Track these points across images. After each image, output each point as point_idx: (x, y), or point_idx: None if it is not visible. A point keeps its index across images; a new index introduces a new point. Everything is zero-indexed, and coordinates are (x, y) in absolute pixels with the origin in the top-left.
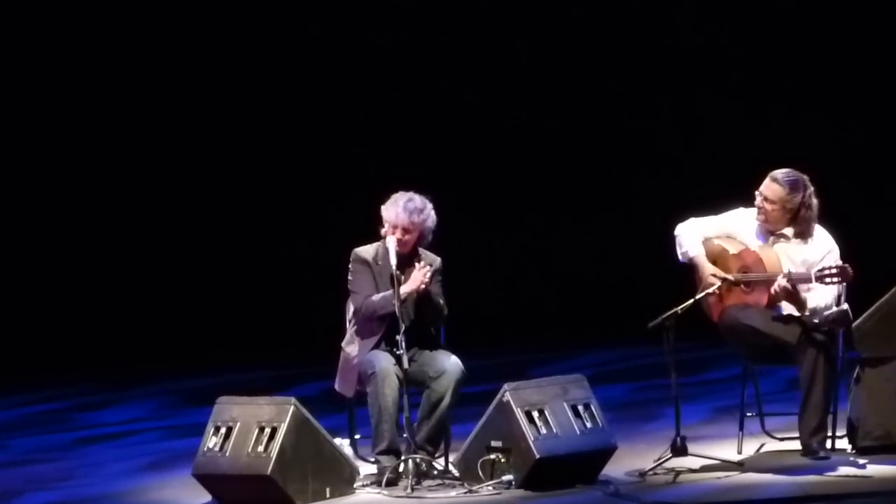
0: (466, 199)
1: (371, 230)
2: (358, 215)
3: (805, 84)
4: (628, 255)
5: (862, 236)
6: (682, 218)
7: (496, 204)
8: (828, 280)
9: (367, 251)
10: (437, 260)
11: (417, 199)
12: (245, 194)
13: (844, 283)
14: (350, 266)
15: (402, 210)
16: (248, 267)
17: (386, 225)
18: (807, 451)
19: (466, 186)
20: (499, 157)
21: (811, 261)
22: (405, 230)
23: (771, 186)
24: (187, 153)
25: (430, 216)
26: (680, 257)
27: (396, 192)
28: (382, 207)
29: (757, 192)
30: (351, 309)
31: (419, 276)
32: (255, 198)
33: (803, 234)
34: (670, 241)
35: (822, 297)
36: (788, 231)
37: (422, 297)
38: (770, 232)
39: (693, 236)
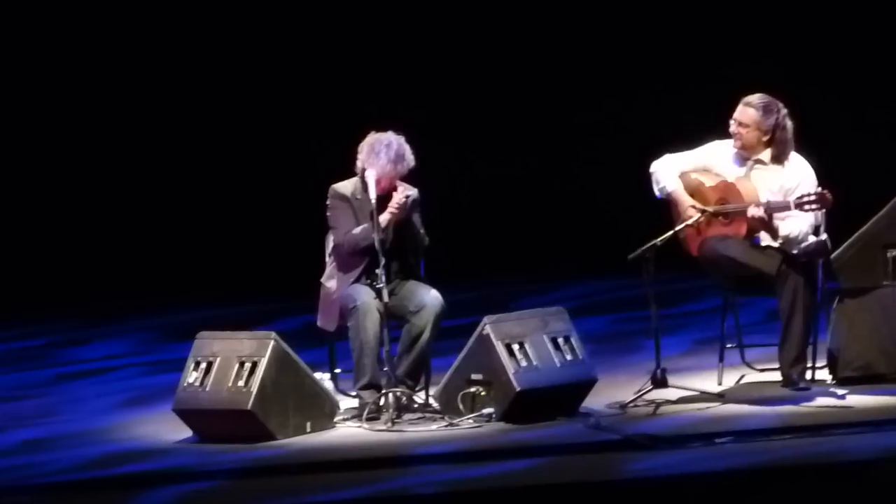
0: (448, 131)
1: (348, 165)
2: (336, 148)
3: (784, 10)
4: (609, 187)
5: (843, 164)
6: (660, 153)
7: (478, 136)
8: (807, 207)
9: (345, 187)
10: (415, 191)
11: (395, 144)
12: (222, 130)
13: (824, 211)
14: (328, 202)
15: (386, 162)
16: (228, 201)
17: (368, 175)
18: (787, 381)
19: (449, 119)
20: (482, 89)
21: (788, 186)
22: (391, 178)
23: (744, 111)
24: (166, 92)
25: (410, 158)
26: (657, 193)
27: (372, 128)
28: (360, 151)
29: (731, 120)
30: (330, 244)
31: (395, 202)
32: (233, 133)
33: (780, 157)
34: (648, 177)
35: (797, 224)
36: (765, 156)
37: (402, 225)
38: (746, 158)
39: (669, 171)
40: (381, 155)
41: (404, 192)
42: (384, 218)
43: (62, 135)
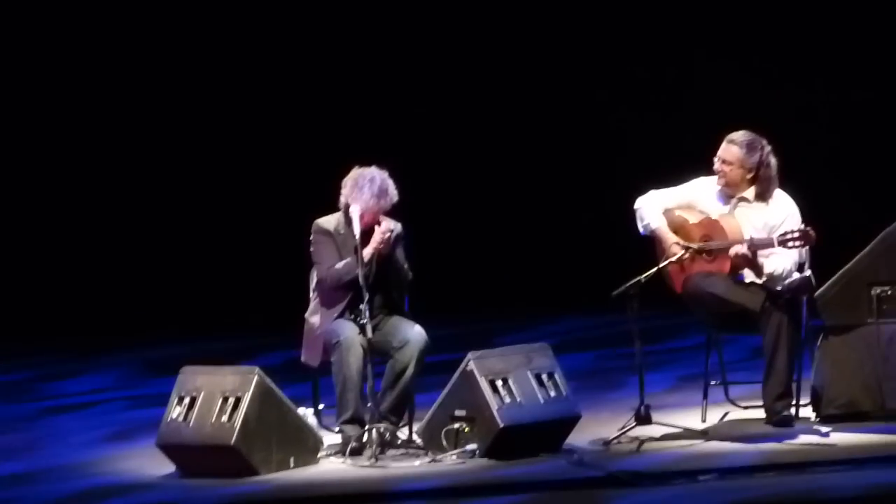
0: (431, 167)
1: (332, 200)
2: (320, 183)
3: (770, 48)
4: (593, 223)
5: (827, 202)
6: (645, 189)
7: (462, 173)
8: (790, 244)
9: (328, 221)
10: (398, 225)
11: (378, 179)
12: (207, 165)
13: (807, 248)
14: (312, 237)
15: (370, 197)
16: (212, 236)
17: (352, 210)
18: (770, 417)
19: (431, 155)
20: (463, 126)
21: (772, 223)
22: (374, 213)
23: (728, 149)
24: (152, 126)
25: (394, 193)
26: (641, 230)
27: (355, 164)
28: (344, 186)
29: (715, 157)
30: (314, 279)
31: (378, 236)
32: (217, 168)
33: (764, 194)
34: (632, 213)
35: (781, 262)
36: (749, 193)
37: (384, 260)
38: (731, 196)
39: (653, 208)
40: (365, 189)
41: (387, 227)
42: (367, 252)
43: (42, 171)
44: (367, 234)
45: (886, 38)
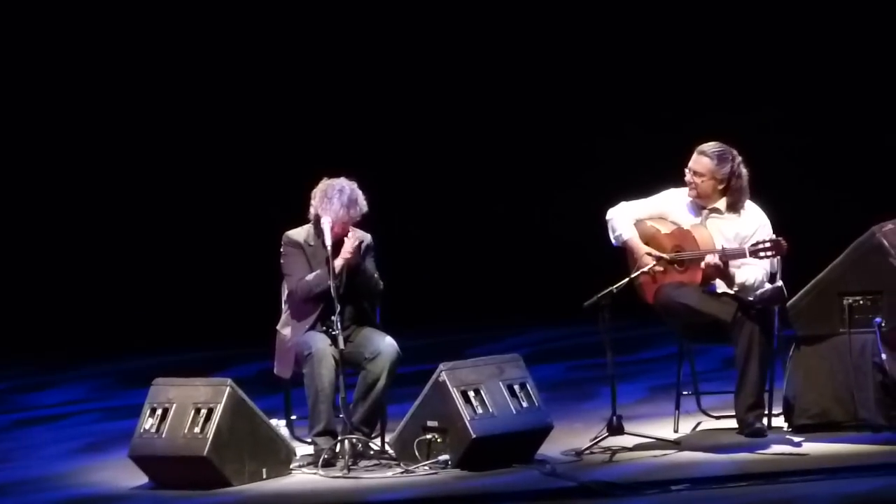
0: (401, 179)
1: (303, 212)
2: (291, 196)
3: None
4: (565, 233)
5: (798, 212)
6: (616, 200)
7: (432, 184)
8: (762, 254)
9: (298, 234)
10: (368, 236)
11: (347, 189)
12: (178, 177)
13: (779, 259)
14: (282, 249)
15: (339, 207)
16: (183, 247)
17: (323, 221)
18: (743, 427)
19: (400, 166)
20: (434, 137)
21: (743, 234)
22: (344, 224)
23: (699, 160)
24: (118, 143)
25: (363, 203)
26: (613, 241)
27: (326, 175)
28: (314, 198)
29: (686, 169)
30: (286, 291)
31: (348, 247)
32: (188, 180)
33: (735, 205)
34: (604, 225)
35: (752, 272)
36: (721, 204)
37: (354, 271)
38: (702, 207)
39: (625, 219)
40: (335, 200)
41: (356, 238)
42: (338, 263)
43: (14, 185)
44: (336, 245)
45: (863, 43)
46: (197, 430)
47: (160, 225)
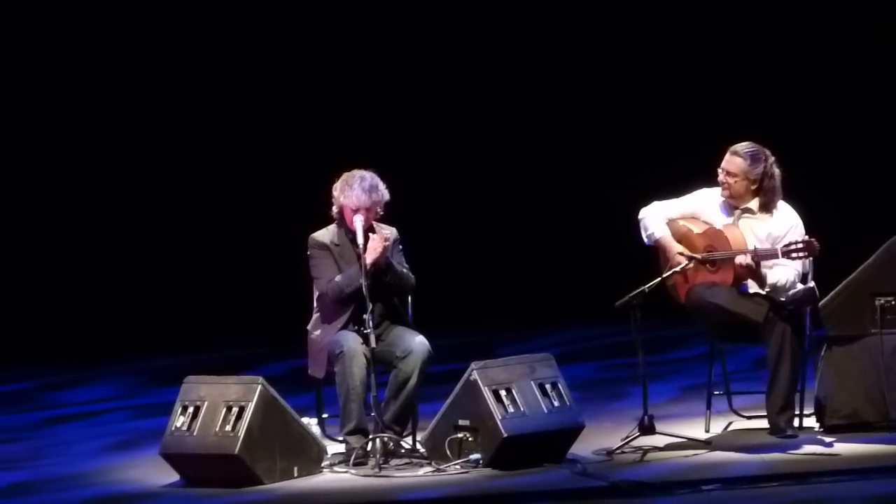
0: (433, 177)
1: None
2: (320, 195)
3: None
4: (597, 233)
5: (830, 213)
6: (649, 200)
7: (464, 182)
8: (794, 255)
9: (323, 235)
10: (394, 230)
11: (368, 177)
12: (210, 174)
13: (811, 259)
14: (309, 252)
15: (361, 192)
16: (217, 246)
17: (345, 209)
18: (774, 429)
19: (433, 164)
20: (465, 135)
21: (776, 235)
22: (368, 210)
23: (732, 160)
24: (152, 136)
25: (384, 191)
26: (645, 240)
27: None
28: (335, 190)
29: (719, 169)
30: (316, 293)
31: (378, 244)
32: (220, 178)
33: (768, 205)
34: (636, 224)
35: (784, 273)
36: (753, 204)
37: (384, 268)
38: (735, 207)
39: (657, 218)
40: (355, 186)
41: (382, 236)
42: (368, 259)
43: (44, 182)
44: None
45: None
46: (228, 428)
47: (194, 224)
